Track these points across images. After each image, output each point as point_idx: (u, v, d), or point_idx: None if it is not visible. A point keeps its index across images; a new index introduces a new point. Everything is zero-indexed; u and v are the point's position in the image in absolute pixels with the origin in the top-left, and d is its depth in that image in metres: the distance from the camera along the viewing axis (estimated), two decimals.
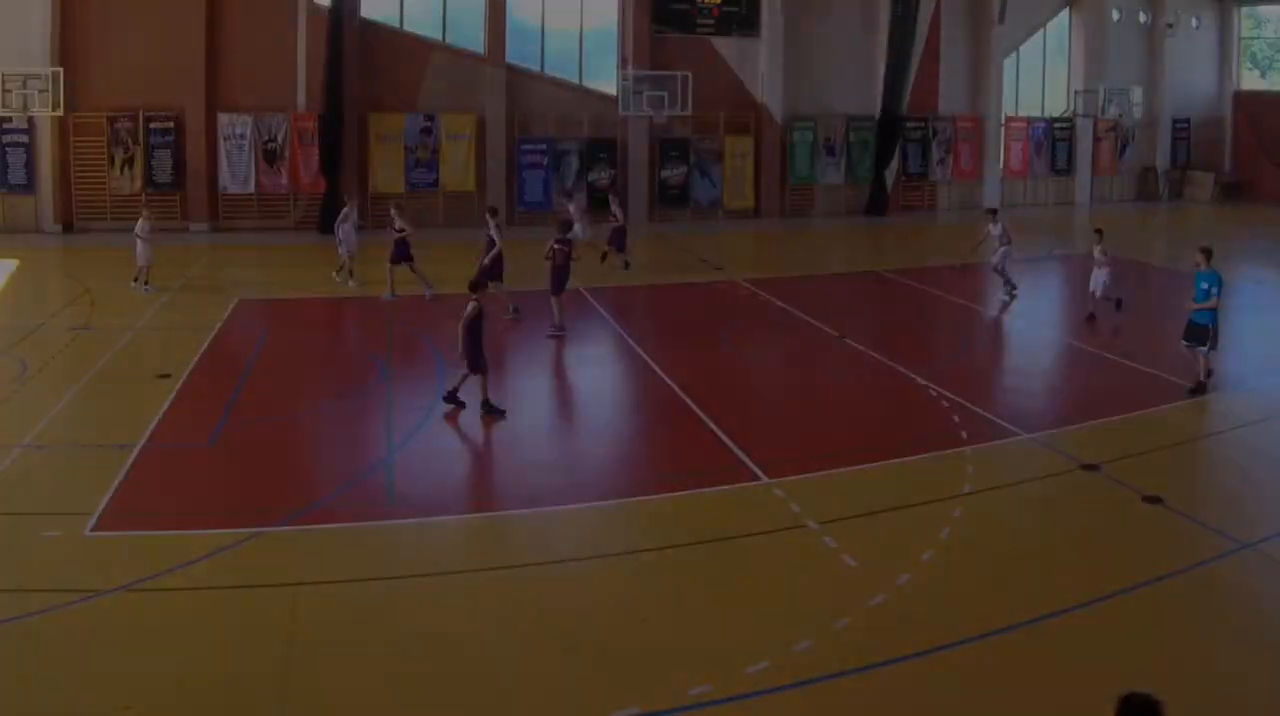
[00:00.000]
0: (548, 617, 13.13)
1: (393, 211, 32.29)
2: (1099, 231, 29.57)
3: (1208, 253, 22.54)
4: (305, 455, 19.64)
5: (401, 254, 31.68)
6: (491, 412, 20.90)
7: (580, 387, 24.67)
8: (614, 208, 38.32)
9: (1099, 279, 29.08)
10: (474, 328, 20.64)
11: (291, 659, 11.96)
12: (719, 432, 20.01)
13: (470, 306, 20.59)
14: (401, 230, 31.51)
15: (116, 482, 17.12)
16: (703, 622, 13.03)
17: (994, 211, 33.68)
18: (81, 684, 11.41)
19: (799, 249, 45.24)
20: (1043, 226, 51.59)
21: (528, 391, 24.11)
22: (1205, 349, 22.22)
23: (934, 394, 22.40)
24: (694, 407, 21.54)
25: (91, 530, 15.32)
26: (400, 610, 13.37)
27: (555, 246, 27.75)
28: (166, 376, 23.18)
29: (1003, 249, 31.43)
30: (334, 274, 34.14)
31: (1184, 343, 22.76)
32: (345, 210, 34.14)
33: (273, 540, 15.19)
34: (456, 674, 11.85)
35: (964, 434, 19.98)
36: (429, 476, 18.49)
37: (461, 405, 21.13)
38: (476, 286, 21.26)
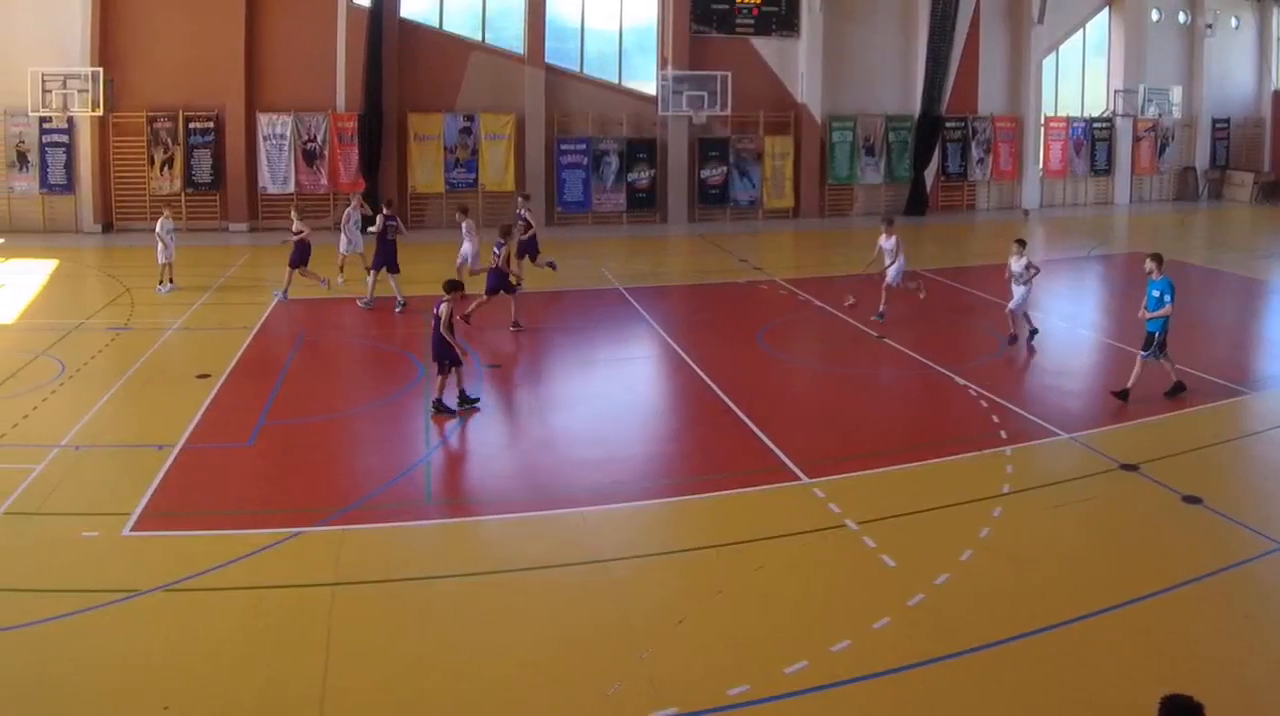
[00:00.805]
0: (586, 617, 13.04)
1: (292, 213, 32.05)
2: (1020, 242, 26.72)
3: (1159, 259, 21.96)
4: (343, 455, 19.37)
5: (300, 256, 31.09)
6: (442, 412, 20.66)
7: (619, 387, 24.07)
8: (524, 216, 33.39)
9: (1018, 296, 26.21)
10: (450, 328, 20.48)
11: (330, 659, 11.84)
12: (758, 432, 19.80)
13: (445, 307, 20.33)
14: (300, 232, 31.04)
15: (155, 483, 17.01)
16: (742, 622, 12.82)
17: (890, 221, 30.27)
18: (120, 684, 11.32)
19: (838, 248, 44.20)
20: (1082, 227, 51.40)
21: (566, 390, 23.86)
22: (1146, 354, 21.57)
23: (973, 393, 22.16)
24: (733, 407, 21.33)
25: (130, 530, 15.23)
26: (438, 610, 13.29)
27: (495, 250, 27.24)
28: (205, 376, 23.05)
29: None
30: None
31: (1142, 352, 22.05)
32: (348, 210, 33.67)
33: (311, 540, 15.09)
34: (495, 674, 11.72)
35: (1003, 433, 19.73)
36: (467, 476, 18.56)
37: (474, 400, 21.13)
38: (453, 287, 20.98)
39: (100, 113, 43.63)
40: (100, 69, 43.26)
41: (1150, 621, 12.88)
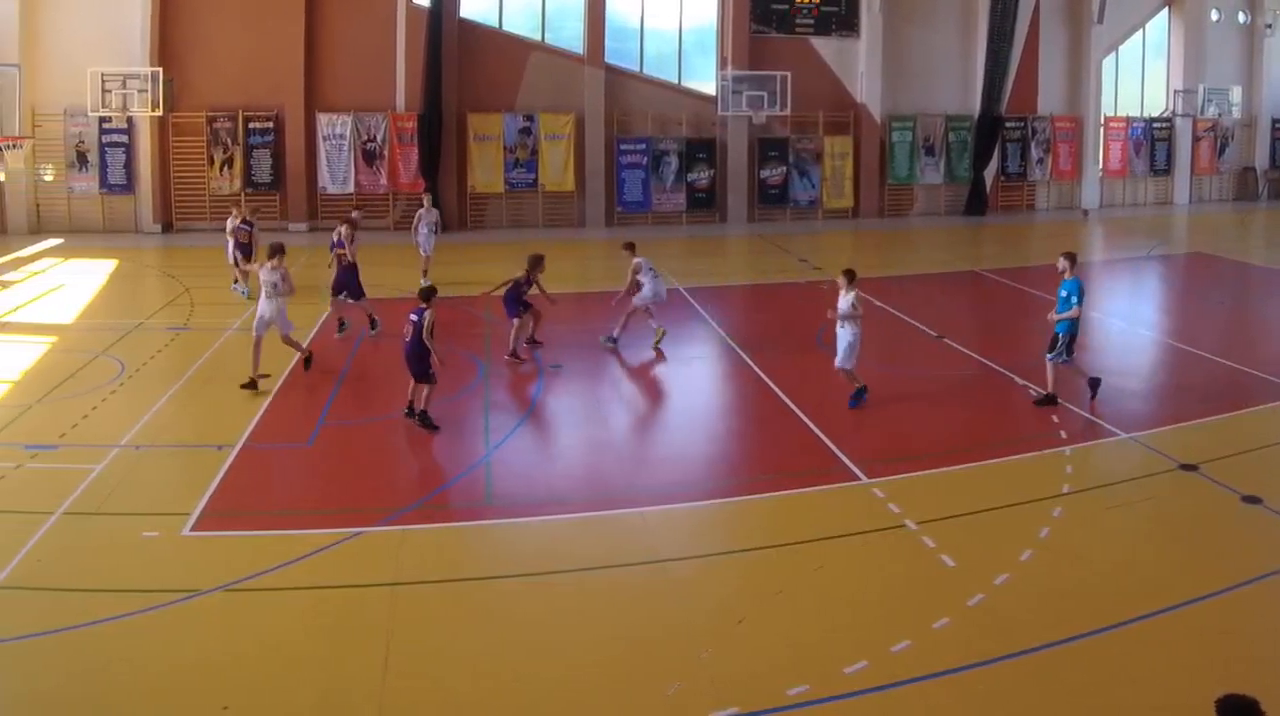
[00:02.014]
0: (647, 617, 12.94)
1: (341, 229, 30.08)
2: (849, 273, 21.63)
3: (1072, 258, 21.40)
4: (403, 455, 19.26)
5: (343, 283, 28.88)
6: (427, 425, 19.89)
7: (679, 387, 24.12)
8: (343, 243, 27.70)
9: (843, 341, 21.20)
10: (431, 337, 19.90)
11: (390, 659, 11.77)
12: (818, 432, 19.65)
13: (427, 315, 19.75)
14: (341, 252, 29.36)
15: (215, 483, 16.99)
16: (801, 622, 12.70)
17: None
18: (180, 683, 11.28)
19: (898, 249, 44.27)
20: (1141, 227, 50.65)
21: (626, 390, 23.91)
22: (1053, 356, 21.11)
23: (1033, 393, 21.76)
24: (793, 407, 21.20)
25: (190, 530, 15.21)
26: (499, 611, 13.21)
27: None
28: (265, 376, 22.68)
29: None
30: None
31: (1047, 353, 21.58)
32: (420, 212, 33.52)
33: (371, 540, 15.03)
34: (555, 674, 11.63)
35: (1063, 433, 19.52)
36: (527, 476, 18.14)
37: (435, 427, 20.01)
38: (429, 294, 20.29)
39: (160, 113, 43.66)
40: (160, 69, 43.28)
41: (1209, 621, 12.72)
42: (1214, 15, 58.94)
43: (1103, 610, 12.86)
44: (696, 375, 25.13)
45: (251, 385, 21.84)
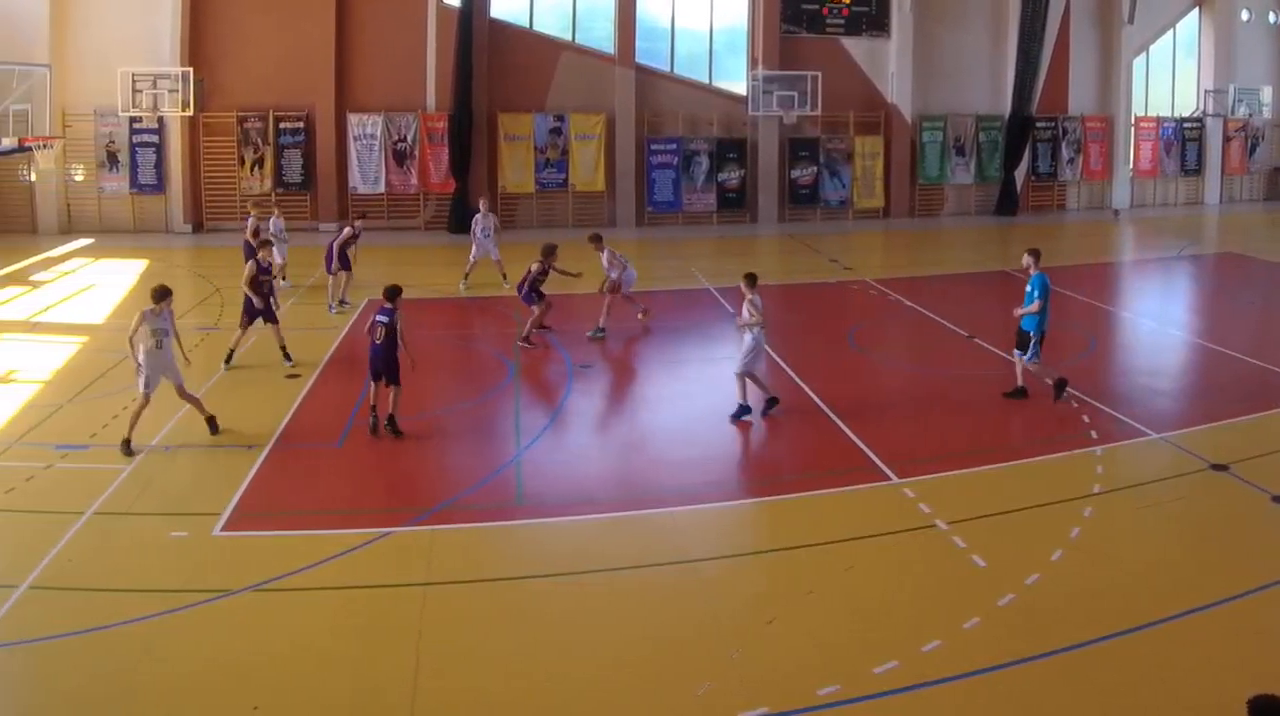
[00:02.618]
0: (677, 617, 12.95)
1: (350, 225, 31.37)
2: (749, 277, 21.11)
3: (1036, 255, 21.65)
4: (434, 455, 19.23)
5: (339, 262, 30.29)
6: (398, 432, 19.64)
7: (709, 386, 23.48)
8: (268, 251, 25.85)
9: (746, 345, 20.67)
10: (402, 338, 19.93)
11: (420, 659, 11.81)
12: (848, 432, 19.66)
13: (399, 315, 19.87)
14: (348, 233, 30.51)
15: (245, 483, 17.05)
16: (831, 622, 12.73)
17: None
18: (210, 683, 11.31)
19: (929, 249, 44.23)
20: (1172, 227, 50.42)
21: (657, 390, 23.81)
22: (1024, 355, 21.34)
23: (1048, 381, 21.68)
24: (823, 407, 21.17)
25: (220, 530, 15.24)
26: (529, 610, 13.19)
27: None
28: (296, 376, 23.14)
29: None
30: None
31: (1015, 350, 21.85)
32: (476, 216, 33.46)
33: (402, 540, 15.07)
34: (585, 674, 11.65)
35: (1093, 433, 19.48)
36: (557, 476, 18.13)
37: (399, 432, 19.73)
38: (395, 293, 20.13)
39: (190, 113, 43.72)
40: (190, 69, 43.32)
41: (1240, 621, 12.68)
42: (1244, 15, 58.56)
43: (1134, 610, 12.86)
44: (727, 375, 24.80)
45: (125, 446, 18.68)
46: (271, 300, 24.40)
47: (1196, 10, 58.51)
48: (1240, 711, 7.29)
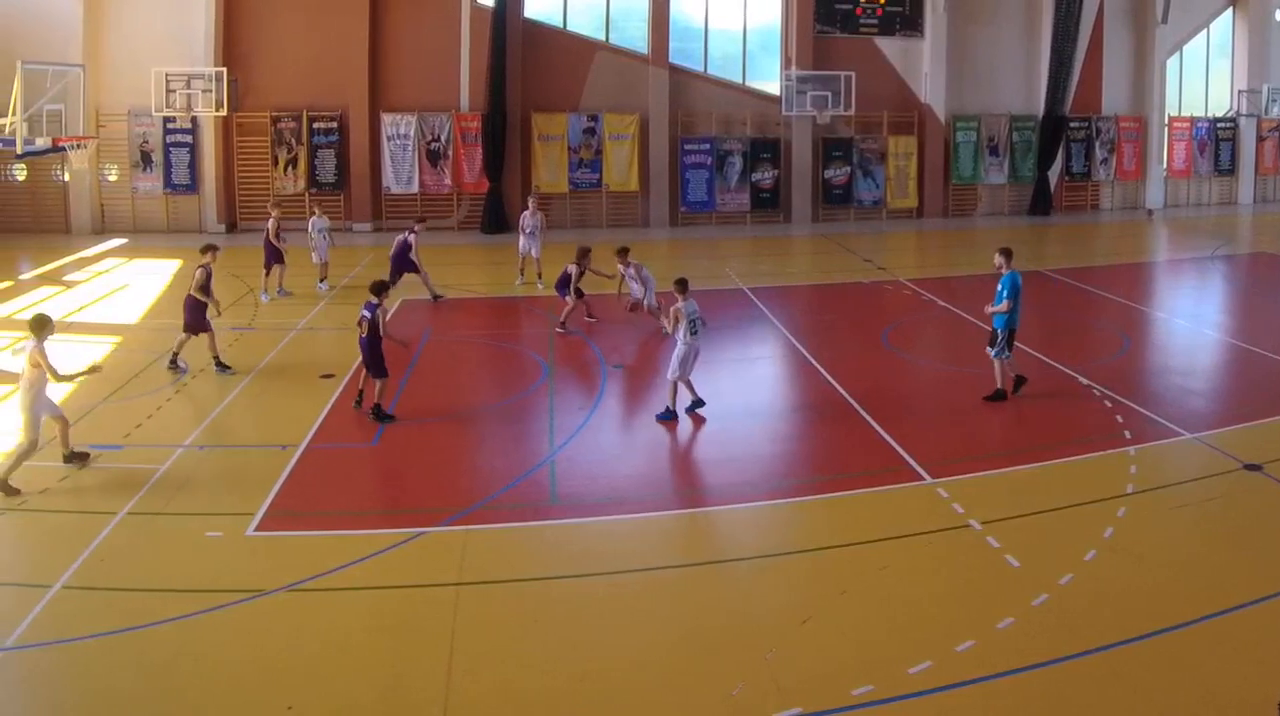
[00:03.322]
0: (710, 617, 12.91)
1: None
2: (680, 282, 21.10)
3: (1007, 254, 21.71)
4: (467, 455, 19.12)
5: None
6: (382, 418, 20.22)
7: (743, 386, 23.69)
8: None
9: (678, 351, 20.52)
10: (385, 330, 20.33)
11: (453, 660, 11.81)
12: (882, 432, 19.59)
13: (380, 311, 20.18)
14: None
15: (279, 483, 17.05)
16: (865, 622, 12.70)
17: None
18: (243, 683, 11.35)
19: (962, 248, 43.92)
20: (1206, 227, 50.18)
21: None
22: (995, 352, 21.42)
23: (1097, 394, 21.76)
24: (857, 407, 21.10)
25: (254, 530, 15.27)
26: (562, 610, 13.15)
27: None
28: (330, 376, 23.03)
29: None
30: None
31: (988, 347, 21.88)
32: (524, 214, 33.64)
33: (435, 540, 15.06)
34: (619, 675, 11.66)
35: (1127, 433, 19.39)
36: (591, 476, 17.97)
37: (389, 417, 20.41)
38: (380, 288, 20.65)
39: (224, 112, 43.72)
40: (224, 69, 43.35)
41: (1274, 621, 12.63)
42: (1279, 15, 58.22)
43: (1167, 610, 12.84)
44: (761, 375, 24.99)
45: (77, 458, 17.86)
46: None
47: (1230, 10, 58.12)
48: (1272, 712, 7.26)
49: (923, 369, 24.28)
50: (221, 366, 23.17)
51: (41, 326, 17.26)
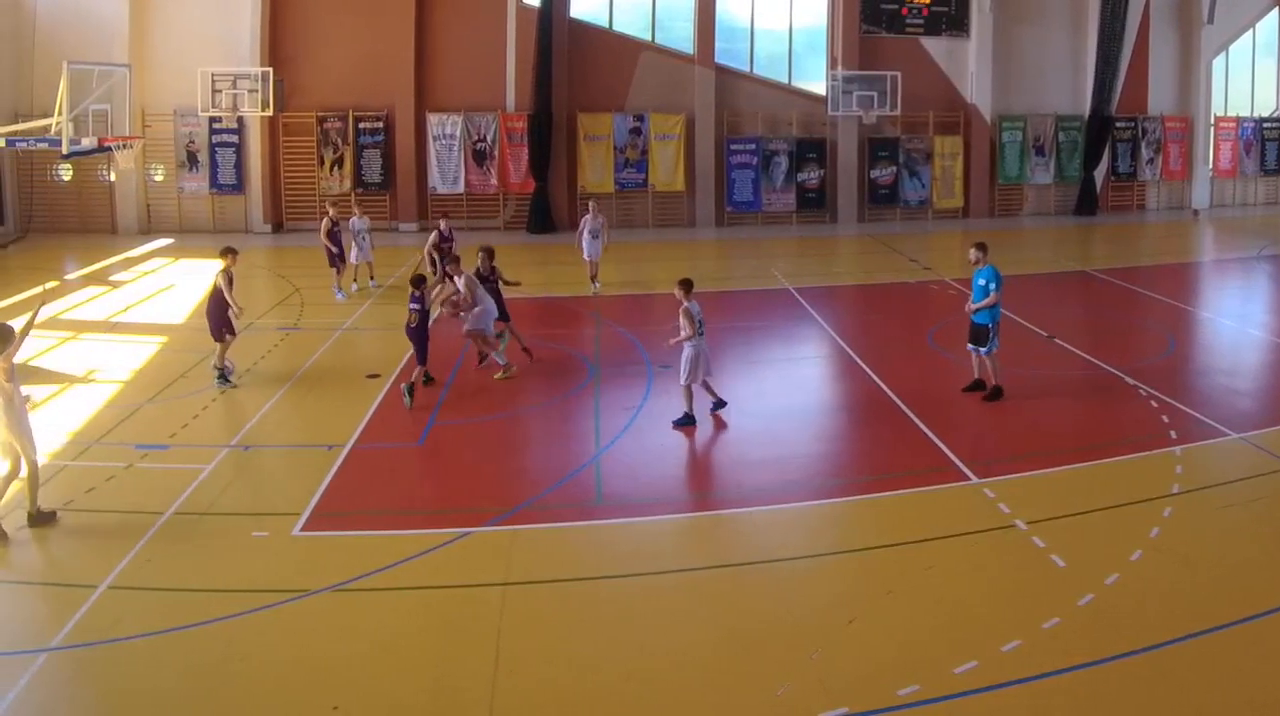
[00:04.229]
0: (756, 617, 12.89)
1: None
2: (684, 283, 20.27)
3: (983, 248, 21.79)
4: (513, 455, 19.19)
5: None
6: (411, 392, 21.16)
7: (789, 386, 23.67)
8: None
9: (685, 355, 19.97)
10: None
11: (499, 659, 11.82)
12: (928, 432, 19.54)
13: (428, 299, 21.67)
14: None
15: (325, 483, 17.10)
16: (911, 622, 12.67)
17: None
18: (290, 683, 11.43)
19: (1008, 249, 42.46)
20: (1252, 227, 49.92)
21: (736, 390, 22.62)
22: (984, 350, 21.45)
23: (1143, 394, 21.64)
24: (902, 407, 21.06)
25: (300, 530, 15.33)
26: (608, 611, 13.22)
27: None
28: (375, 376, 23.10)
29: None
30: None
31: (969, 345, 21.92)
32: (585, 217, 33.31)
33: (481, 540, 15.06)
34: (664, 675, 11.63)
35: (1173, 434, 19.23)
36: (637, 476, 17.98)
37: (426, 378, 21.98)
38: (420, 282, 21.69)
39: (270, 113, 43.96)
40: (270, 69, 43.56)
41: None
42: None
43: (1213, 610, 12.76)
44: (807, 375, 24.98)
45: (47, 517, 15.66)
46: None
47: (1276, 10, 57.66)
48: None
49: (968, 369, 24.21)
50: (223, 378, 22.67)
51: (4, 340, 15.11)
